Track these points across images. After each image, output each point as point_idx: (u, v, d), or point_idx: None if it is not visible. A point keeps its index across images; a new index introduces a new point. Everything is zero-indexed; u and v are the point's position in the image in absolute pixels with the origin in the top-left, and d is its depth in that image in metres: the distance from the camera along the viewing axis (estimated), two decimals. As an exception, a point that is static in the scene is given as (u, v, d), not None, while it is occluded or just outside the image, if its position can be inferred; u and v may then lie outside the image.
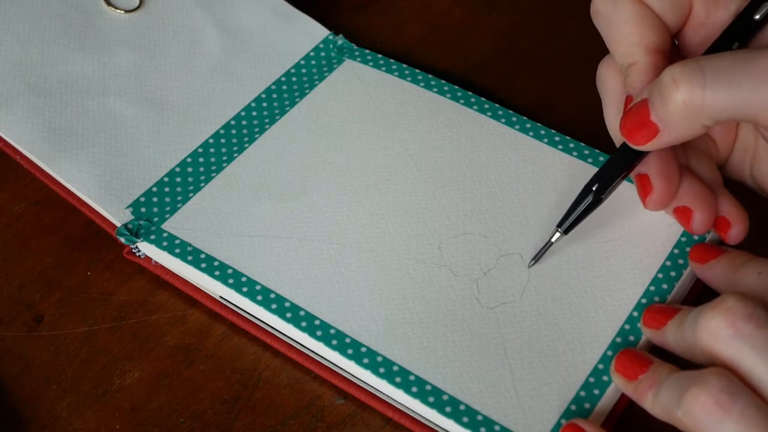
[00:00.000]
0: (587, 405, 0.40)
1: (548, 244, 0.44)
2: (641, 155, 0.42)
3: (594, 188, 0.43)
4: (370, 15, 0.59)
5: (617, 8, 0.43)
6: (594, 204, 0.43)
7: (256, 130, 0.50)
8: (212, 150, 0.49)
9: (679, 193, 0.43)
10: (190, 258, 0.45)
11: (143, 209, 0.47)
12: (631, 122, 0.41)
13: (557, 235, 0.44)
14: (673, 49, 0.44)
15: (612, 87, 0.44)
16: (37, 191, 0.50)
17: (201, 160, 0.49)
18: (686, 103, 0.38)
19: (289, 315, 0.43)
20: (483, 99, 0.51)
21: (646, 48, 0.43)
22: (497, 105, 0.51)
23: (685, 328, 0.38)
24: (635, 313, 0.43)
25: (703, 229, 0.43)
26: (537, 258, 0.44)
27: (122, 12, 0.55)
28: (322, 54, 0.54)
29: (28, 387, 0.43)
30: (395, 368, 0.41)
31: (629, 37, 0.43)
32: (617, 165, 0.43)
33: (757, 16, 0.42)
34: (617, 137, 0.44)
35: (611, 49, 0.44)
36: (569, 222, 0.44)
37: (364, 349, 0.41)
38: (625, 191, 0.46)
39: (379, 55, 0.53)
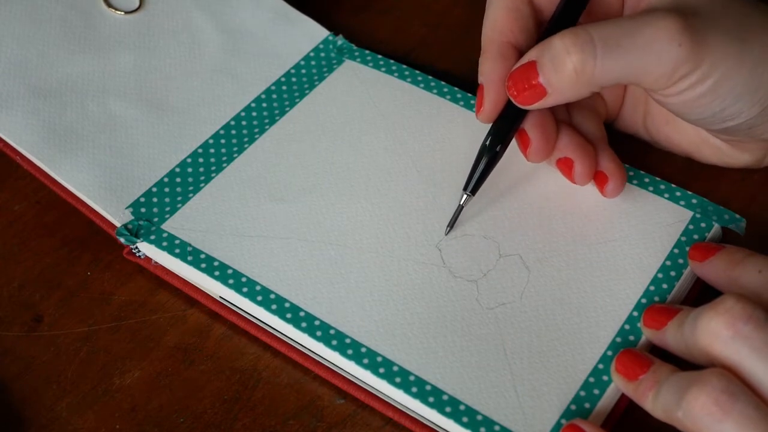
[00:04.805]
0: (587, 405, 0.40)
1: (459, 208, 0.45)
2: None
3: (488, 143, 0.44)
4: (370, 15, 0.59)
5: None
6: (493, 160, 0.44)
7: (256, 130, 0.50)
8: (212, 150, 0.49)
9: (559, 144, 0.45)
10: (190, 258, 0.45)
11: (143, 209, 0.47)
12: (518, 84, 0.42)
13: (465, 197, 0.45)
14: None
15: (493, 37, 0.45)
16: (37, 191, 0.50)
17: (201, 160, 0.49)
18: (578, 71, 0.40)
19: (289, 315, 0.43)
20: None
21: (502, 39, 0.44)
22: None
23: (684, 329, 0.39)
24: (635, 313, 0.43)
25: (584, 179, 0.45)
26: (451, 224, 0.45)
27: (122, 13, 0.55)
28: (322, 55, 0.54)
29: (28, 387, 0.43)
30: (395, 368, 0.41)
31: (496, 23, 0.44)
32: (507, 119, 0.44)
33: None
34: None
35: (483, 26, 0.45)
36: (473, 182, 0.45)
37: (364, 350, 0.41)
38: (625, 191, 0.46)
39: (379, 56, 0.53)
